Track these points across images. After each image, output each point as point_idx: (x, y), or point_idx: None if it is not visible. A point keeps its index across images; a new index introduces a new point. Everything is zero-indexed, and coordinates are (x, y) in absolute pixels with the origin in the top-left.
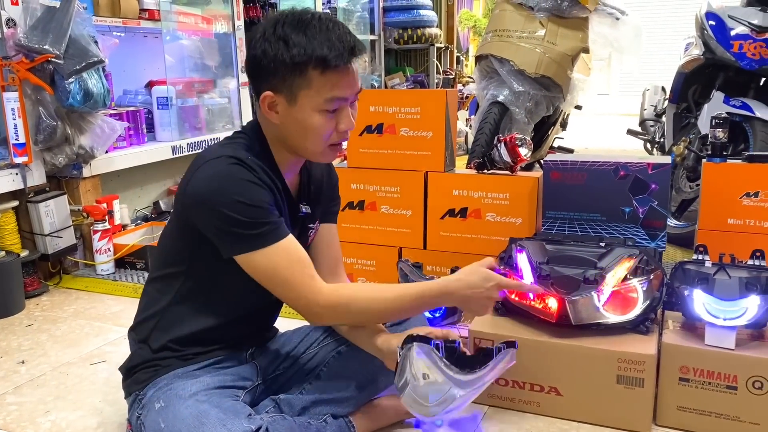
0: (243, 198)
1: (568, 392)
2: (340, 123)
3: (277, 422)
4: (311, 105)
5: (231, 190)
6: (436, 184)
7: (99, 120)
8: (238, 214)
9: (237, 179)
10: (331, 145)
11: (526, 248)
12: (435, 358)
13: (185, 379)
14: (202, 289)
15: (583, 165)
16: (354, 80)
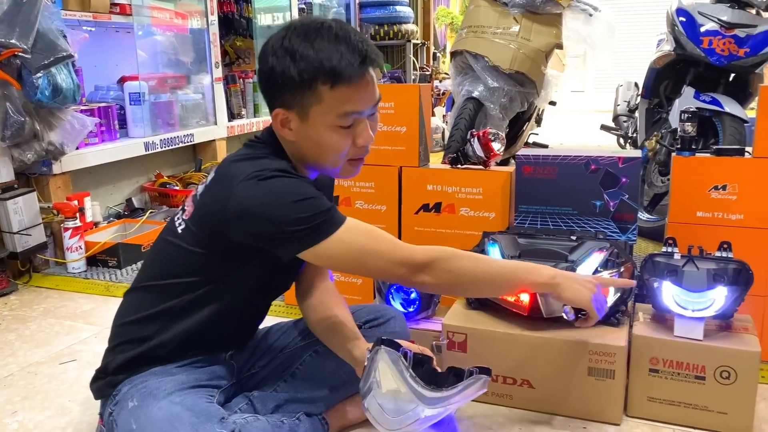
0: (297, 196)
1: (541, 384)
2: (358, 138)
3: (250, 424)
4: (324, 122)
5: (287, 197)
6: (410, 179)
7: (69, 116)
8: (300, 213)
9: (287, 188)
10: (351, 160)
11: (499, 242)
12: (401, 367)
13: (161, 377)
14: (208, 301)
15: (554, 159)
16: (369, 92)
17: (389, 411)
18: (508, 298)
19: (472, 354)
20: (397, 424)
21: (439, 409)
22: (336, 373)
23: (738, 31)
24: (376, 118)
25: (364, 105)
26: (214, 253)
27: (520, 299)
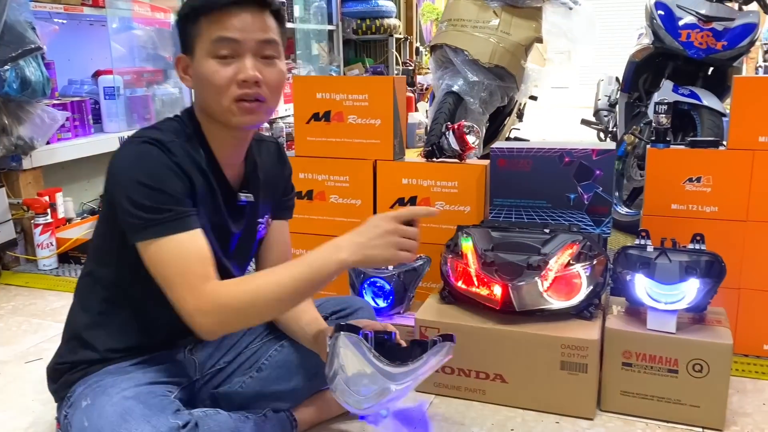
0: (149, 180)
1: (514, 379)
2: (239, 72)
3: (209, 416)
4: (203, 52)
5: (139, 171)
6: (385, 172)
7: (39, 110)
8: (141, 197)
9: (148, 161)
10: (237, 100)
11: (472, 235)
12: (363, 349)
13: (116, 376)
14: (133, 285)
15: (528, 152)
16: (249, 23)
17: (358, 392)
18: (481, 292)
19: None
20: (367, 402)
21: (408, 383)
22: (303, 366)
23: (716, 25)
24: (276, 68)
25: (241, 34)
26: (115, 230)
27: (493, 293)
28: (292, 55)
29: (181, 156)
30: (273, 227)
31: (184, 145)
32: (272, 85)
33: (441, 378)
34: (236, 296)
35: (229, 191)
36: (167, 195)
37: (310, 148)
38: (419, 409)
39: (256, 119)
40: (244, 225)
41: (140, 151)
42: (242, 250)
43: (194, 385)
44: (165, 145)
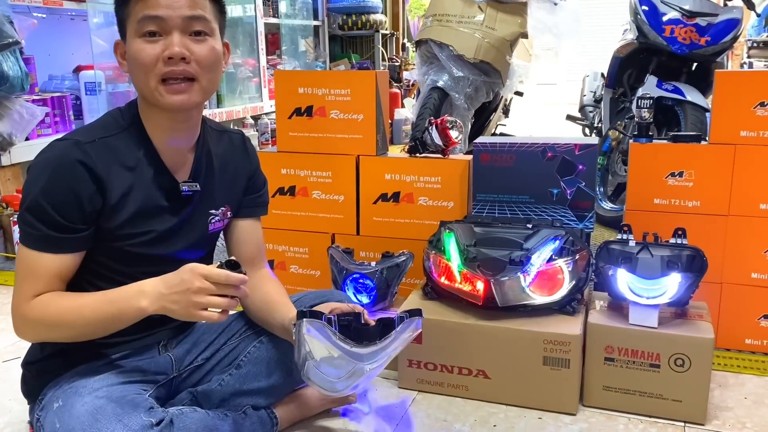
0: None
1: (496, 375)
2: (165, 49)
3: (184, 414)
4: (131, 32)
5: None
6: (368, 168)
7: (17, 105)
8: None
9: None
10: (164, 80)
11: (455, 231)
12: (327, 333)
13: (87, 377)
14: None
15: (511, 147)
16: (176, 1)
17: (331, 375)
18: (463, 288)
19: (427, 345)
20: (341, 384)
21: (379, 361)
22: (282, 362)
23: (699, 20)
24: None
25: (165, 10)
26: None
27: (476, 288)
28: (277, 50)
29: (101, 155)
30: (243, 225)
31: (112, 141)
32: (203, 63)
33: (423, 374)
34: (44, 316)
35: (169, 180)
36: (49, 218)
37: (293, 144)
38: (402, 406)
39: (186, 99)
40: (188, 214)
41: (52, 162)
42: (187, 239)
43: (172, 383)
44: (81, 149)
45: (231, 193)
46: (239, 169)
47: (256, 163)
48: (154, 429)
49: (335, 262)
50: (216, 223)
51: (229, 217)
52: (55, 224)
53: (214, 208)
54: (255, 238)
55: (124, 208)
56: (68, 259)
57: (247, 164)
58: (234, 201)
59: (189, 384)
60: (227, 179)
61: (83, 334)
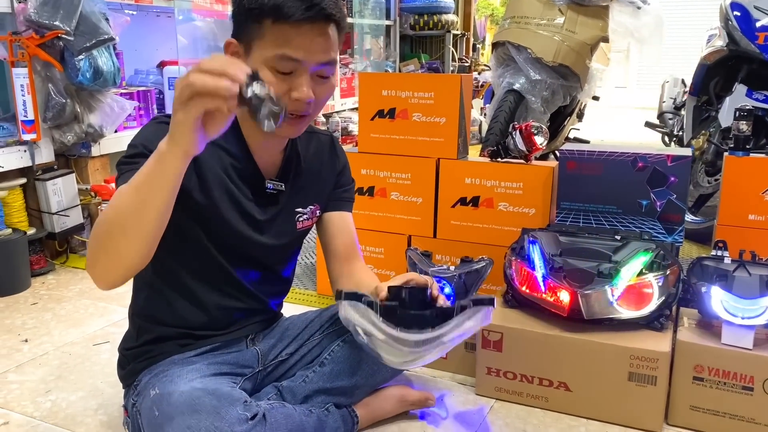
0: (140, 141)
1: (578, 388)
2: (294, 90)
3: (275, 409)
4: (261, 58)
5: (143, 135)
6: (448, 171)
7: (108, 99)
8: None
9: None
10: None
11: (539, 239)
12: (371, 317)
13: (181, 366)
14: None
15: (600, 155)
16: (317, 44)
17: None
18: (547, 298)
19: (507, 353)
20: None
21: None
22: (365, 362)
23: None
24: (329, 83)
25: (306, 54)
26: None
27: (560, 299)
28: (348, 50)
29: None
30: (332, 219)
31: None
32: (320, 101)
33: (502, 383)
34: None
35: (257, 176)
36: (143, 155)
37: (374, 145)
38: (479, 413)
39: (295, 131)
40: (276, 212)
41: (153, 128)
42: (275, 236)
43: (257, 376)
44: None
45: (319, 192)
46: (327, 169)
47: (344, 162)
48: (249, 423)
49: (413, 265)
50: (305, 222)
51: (318, 215)
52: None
53: (302, 207)
54: (347, 232)
55: (213, 189)
56: None
57: (335, 163)
58: (322, 199)
59: (273, 378)
60: (315, 179)
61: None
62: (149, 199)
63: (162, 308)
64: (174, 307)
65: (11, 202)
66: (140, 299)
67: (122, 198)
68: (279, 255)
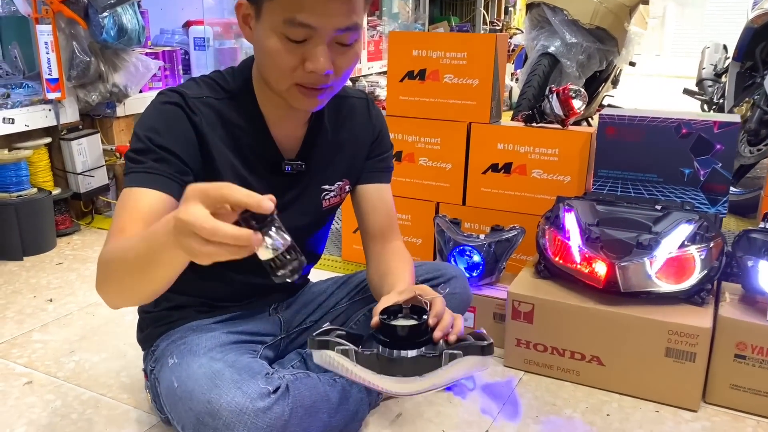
0: (145, 133)
1: (612, 362)
2: (308, 60)
3: (299, 380)
4: (271, 23)
5: (147, 121)
6: (479, 136)
7: (133, 58)
8: (132, 146)
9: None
10: (298, 84)
11: (575, 208)
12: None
13: (200, 333)
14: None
15: (642, 121)
16: (331, 9)
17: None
18: (582, 269)
19: (538, 325)
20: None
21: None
22: None
23: None
24: (351, 52)
25: (319, 20)
26: None
27: (595, 271)
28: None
29: (206, 114)
30: (367, 193)
31: (218, 105)
32: (342, 72)
33: (532, 355)
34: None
35: (275, 155)
36: (150, 152)
37: (402, 108)
38: (507, 385)
39: (316, 104)
40: (298, 193)
41: (160, 108)
42: (299, 217)
43: (280, 344)
44: (187, 102)
45: (350, 165)
46: (360, 138)
47: (380, 127)
48: (271, 397)
49: (442, 233)
50: (332, 199)
51: (347, 191)
52: (156, 155)
53: (329, 183)
54: (383, 208)
55: (223, 174)
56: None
57: (370, 130)
58: (354, 173)
59: (297, 345)
60: (345, 151)
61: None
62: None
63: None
64: (196, 281)
65: (36, 162)
66: None
67: (128, 253)
68: (304, 235)
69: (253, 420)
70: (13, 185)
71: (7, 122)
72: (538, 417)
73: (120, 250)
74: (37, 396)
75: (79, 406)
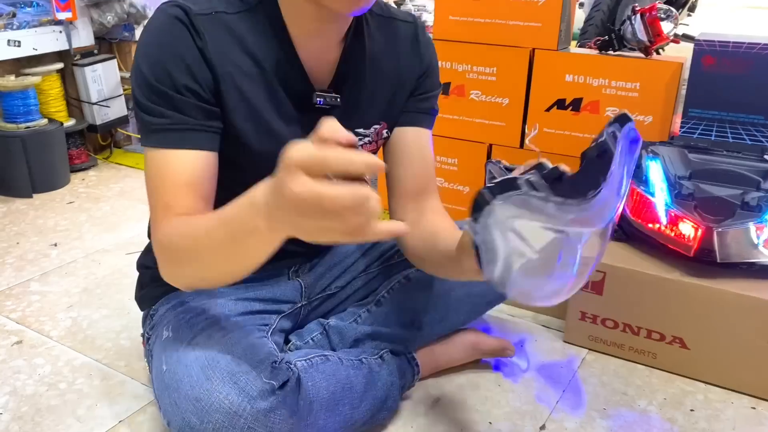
0: (152, 74)
1: (697, 346)
2: None
3: (315, 367)
4: None
5: (148, 59)
6: (544, 65)
7: None
8: (142, 94)
9: (162, 46)
10: None
11: (662, 156)
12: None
13: (204, 299)
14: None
15: (750, 48)
16: None
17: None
18: (668, 233)
19: (608, 297)
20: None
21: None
22: (431, 305)
23: None
24: None
25: None
26: None
27: (685, 235)
28: None
29: (216, 36)
30: (403, 139)
31: (233, 20)
32: None
33: (598, 331)
34: (172, 240)
35: (303, 84)
36: (167, 97)
37: (451, 31)
38: (568, 366)
39: (359, 4)
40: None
41: (160, 29)
42: None
43: (300, 312)
44: (192, 20)
45: (390, 104)
46: (405, 71)
47: (429, 60)
48: (276, 395)
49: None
50: (365, 146)
51: (384, 136)
52: (174, 101)
53: (364, 126)
54: (420, 158)
55: (239, 109)
56: (202, 160)
57: (416, 63)
58: (393, 114)
59: (319, 314)
60: (385, 87)
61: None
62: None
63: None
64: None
65: (47, 90)
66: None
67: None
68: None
69: (250, 425)
70: (20, 115)
71: (13, 45)
72: (606, 410)
73: (189, 237)
74: (24, 359)
75: (70, 373)
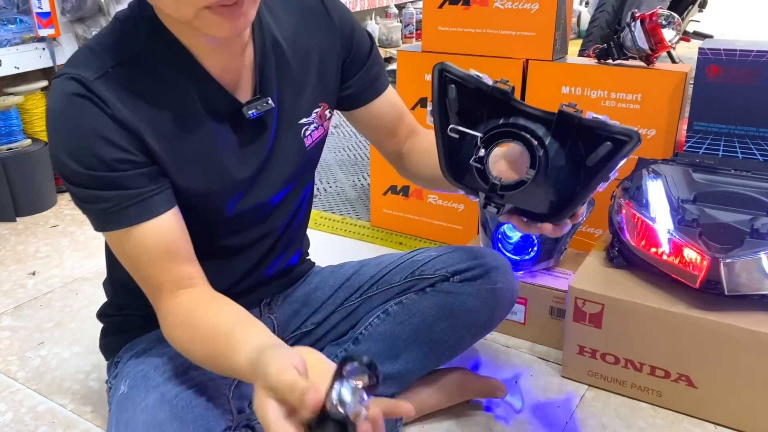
0: (77, 161)
1: (706, 384)
2: None
3: None
4: None
5: (65, 146)
6: (539, 77)
7: None
8: (71, 183)
9: (73, 130)
10: (206, 7)
11: (664, 176)
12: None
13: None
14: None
15: (759, 57)
16: None
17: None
18: (671, 261)
19: (608, 331)
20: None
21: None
22: (414, 343)
23: None
24: None
25: None
26: None
27: (690, 264)
28: None
29: (122, 96)
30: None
31: (130, 70)
32: None
33: (598, 367)
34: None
35: (230, 103)
36: (104, 179)
37: (442, 41)
38: (566, 405)
39: (242, 24)
40: (272, 140)
41: (63, 113)
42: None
43: None
44: (92, 89)
45: (323, 83)
46: (325, 46)
47: (341, 21)
48: None
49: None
50: (314, 132)
51: (328, 116)
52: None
53: (305, 116)
54: (390, 113)
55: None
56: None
57: (333, 32)
58: (329, 92)
59: None
60: (311, 69)
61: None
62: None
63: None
64: None
65: (31, 109)
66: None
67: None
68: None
69: None
70: (2, 137)
71: None
72: None
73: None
74: None
75: (32, 421)
